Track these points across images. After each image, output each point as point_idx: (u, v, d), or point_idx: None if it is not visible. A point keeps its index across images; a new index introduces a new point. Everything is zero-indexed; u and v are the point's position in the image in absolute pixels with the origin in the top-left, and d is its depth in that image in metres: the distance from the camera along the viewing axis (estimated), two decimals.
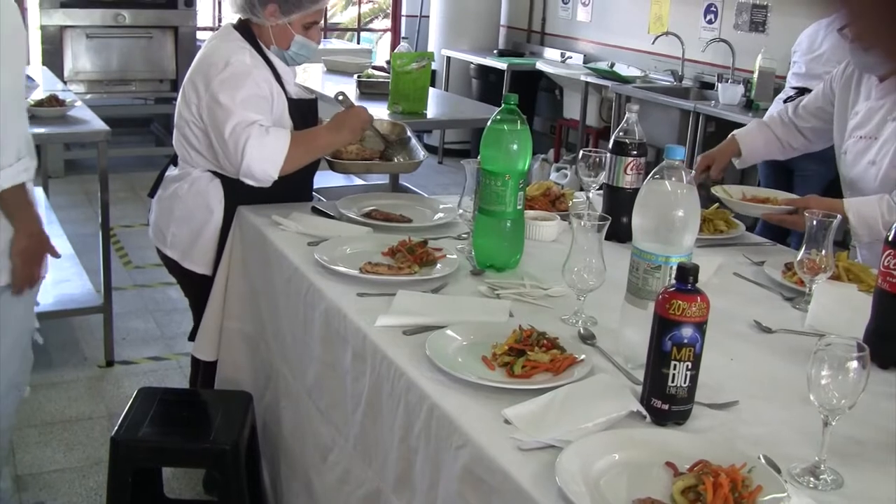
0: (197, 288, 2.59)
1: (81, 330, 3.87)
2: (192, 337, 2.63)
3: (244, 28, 2.52)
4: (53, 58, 6.16)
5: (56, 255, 2.25)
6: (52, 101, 3.63)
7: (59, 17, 6.20)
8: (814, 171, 3.87)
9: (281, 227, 2.31)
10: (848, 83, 2.51)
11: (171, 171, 2.59)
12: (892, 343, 1.66)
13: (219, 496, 2.29)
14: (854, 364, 1.26)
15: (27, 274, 2.16)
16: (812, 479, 1.29)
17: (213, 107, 2.37)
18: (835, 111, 2.56)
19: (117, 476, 2.16)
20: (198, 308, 2.60)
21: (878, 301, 1.69)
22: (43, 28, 6.13)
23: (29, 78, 3.32)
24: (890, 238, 1.63)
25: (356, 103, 2.68)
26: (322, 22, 2.72)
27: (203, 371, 2.62)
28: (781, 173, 4.18)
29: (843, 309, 1.86)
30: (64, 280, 3.77)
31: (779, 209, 2.42)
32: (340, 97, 2.68)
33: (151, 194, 2.66)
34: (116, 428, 2.19)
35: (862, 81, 2.47)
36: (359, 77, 4.63)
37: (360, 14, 9.58)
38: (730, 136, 2.76)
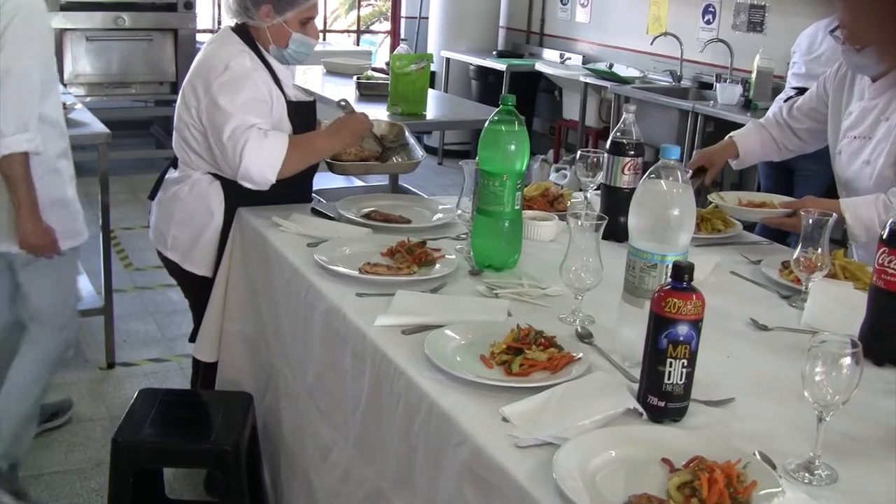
0: (197, 290, 2.60)
1: (82, 332, 3.86)
2: (192, 338, 2.65)
3: (243, 31, 2.53)
4: None
5: (58, 251, 2.36)
6: None
7: (59, 21, 6.20)
8: (814, 171, 3.87)
9: (281, 228, 2.32)
10: (841, 84, 2.52)
11: (171, 174, 2.61)
12: (887, 340, 1.67)
13: (220, 497, 2.30)
14: (847, 360, 1.27)
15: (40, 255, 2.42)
16: (807, 474, 1.30)
17: (212, 110, 2.38)
18: (829, 112, 2.56)
19: (118, 477, 2.17)
20: (198, 310, 2.61)
21: (873, 298, 1.69)
22: None
23: None
24: (884, 236, 1.64)
25: (356, 106, 2.70)
26: (321, 20, 2.73)
27: (203, 372, 2.63)
28: (782, 173, 4.19)
29: (839, 307, 1.87)
30: None
31: (777, 212, 2.42)
32: (343, 103, 2.69)
33: (152, 197, 2.67)
34: (117, 429, 2.20)
35: (855, 82, 2.48)
36: (358, 79, 4.64)
37: (359, 16, 9.59)
38: (727, 137, 2.76)
